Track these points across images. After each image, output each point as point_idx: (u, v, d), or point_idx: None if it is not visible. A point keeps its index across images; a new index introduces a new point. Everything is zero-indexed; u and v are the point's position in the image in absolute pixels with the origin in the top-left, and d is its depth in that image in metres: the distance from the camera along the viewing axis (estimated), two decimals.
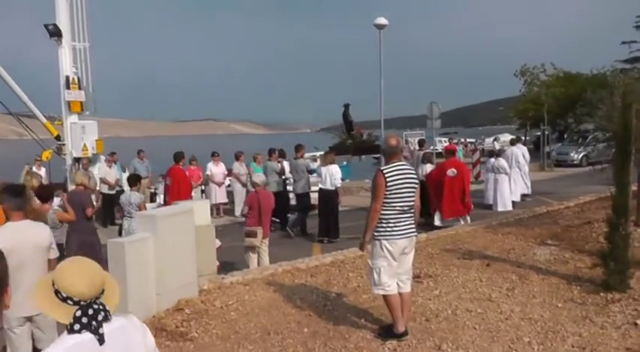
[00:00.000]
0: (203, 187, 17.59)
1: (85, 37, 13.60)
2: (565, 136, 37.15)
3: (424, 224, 12.61)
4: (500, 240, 10.36)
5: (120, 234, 10.57)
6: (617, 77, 18.33)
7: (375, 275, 5.71)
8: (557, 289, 7.26)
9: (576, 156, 29.24)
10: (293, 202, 15.07)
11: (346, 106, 19.74)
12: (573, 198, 15.41)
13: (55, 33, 13.10)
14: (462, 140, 50.07)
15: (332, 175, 12.67)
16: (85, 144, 13.49)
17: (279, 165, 14.90)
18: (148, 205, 12.45)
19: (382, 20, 18.84)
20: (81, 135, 13.42)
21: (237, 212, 15.23)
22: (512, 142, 18.42)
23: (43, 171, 16.35)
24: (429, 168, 14.25)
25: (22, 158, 19.80)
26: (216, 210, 16.59)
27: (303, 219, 13.84)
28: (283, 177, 15.12)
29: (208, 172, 17.14)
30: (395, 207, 5.59)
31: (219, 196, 17.19)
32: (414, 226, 5.80)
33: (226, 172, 17.44)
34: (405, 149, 17.02)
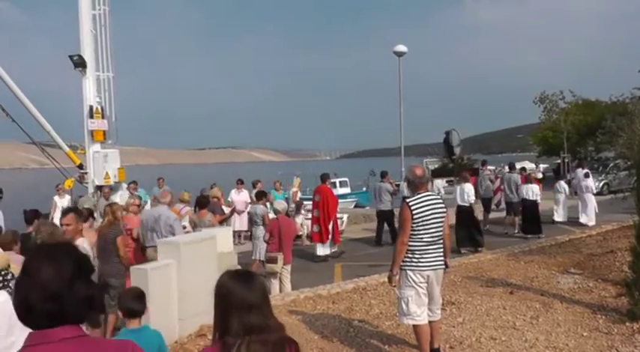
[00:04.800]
0: None
1: (109, 67, 13.83)
2: (583, 164, 36.80)
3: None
4: (522, 268, 10.29)
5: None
6: (637, 105, 18.23)
7: (404, 305, 5.68)
8: (582, 318, 7.19)
9: (597, 184, 28.98)
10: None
11: (447, 133, 20.96)
12: (595, 226, 15.30)
13: (80, 63, 13.33)
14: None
15: (465, 193, 13.96)
16: (107, 173, 13.64)
17: (391, 186, 15.93)
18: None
19: (401, 47, 18.94)
20: (103, 164, 13.58)
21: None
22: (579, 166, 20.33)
23: (67, 199, 16.46)
24: (537, 188, 15.58)
25: (44, 186, 20.01)
26: (237, 237, 16.63)
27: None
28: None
29: (230, 199, 17.27)
30: (422, 238, 5.57)
31: (241, 223, 17.22)
32: (441, 258, 5.74)
33: (248, 200, 17.52)
34: (488, 173, 18.47)
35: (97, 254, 7.78)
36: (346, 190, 34.06)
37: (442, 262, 5.75)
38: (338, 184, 37.24)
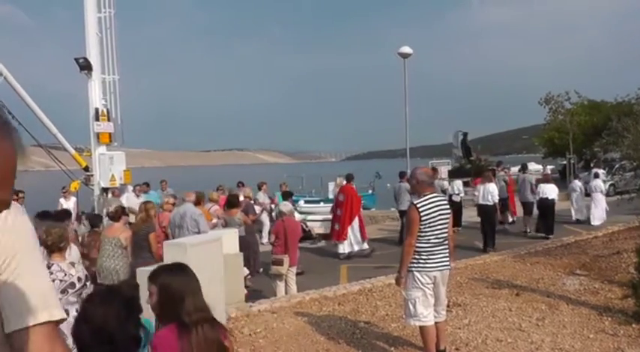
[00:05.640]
0: None
1: (115, 69, 13.89)
2: (591, 165, 36.72)
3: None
4: (528, 270, 10.27)
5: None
6: None
7: (411, 307, 5.69)
8: (587, 319, 7.17)
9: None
10: None
11: (465, 134, 21.39)
12: (601, 227, 15.25)
13: (86, 66, 13.40)
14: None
15: (489, 192, 14.24)
16: (113, 175, 13.71)
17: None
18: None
19: (407, 49, 18.95)
20: (109, 166, 13.66)
21: (265, 240, 15.44)
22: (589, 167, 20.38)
23: (73, 201, 16.51)
24: (555, 187, 15.89)
25: (50, 188, 20.03)
26: None
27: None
28: None
29: None
30: (429, 240, 5.60)
31: None
32: (447, 258, 5.77)
33: (252, 202, 17.54)
34: (503, 174, 18.74)
35: (132, 249, 8.59)
36: None
37: (448, 263, 5.77)
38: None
